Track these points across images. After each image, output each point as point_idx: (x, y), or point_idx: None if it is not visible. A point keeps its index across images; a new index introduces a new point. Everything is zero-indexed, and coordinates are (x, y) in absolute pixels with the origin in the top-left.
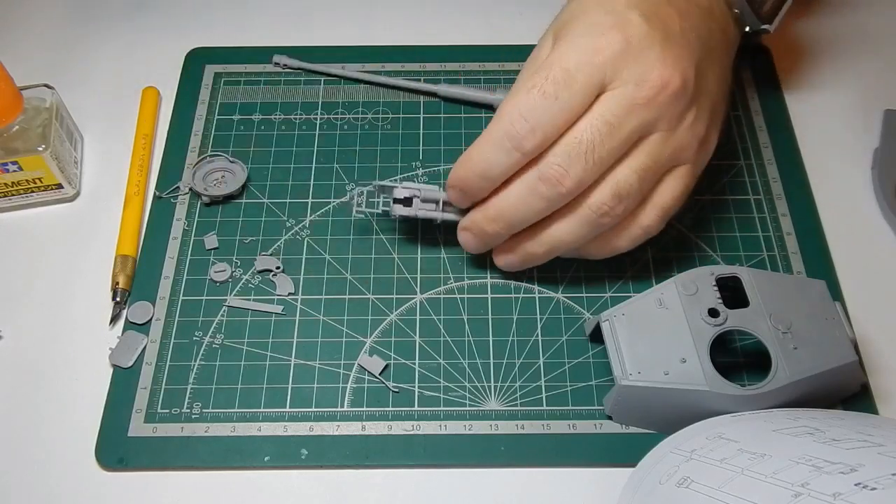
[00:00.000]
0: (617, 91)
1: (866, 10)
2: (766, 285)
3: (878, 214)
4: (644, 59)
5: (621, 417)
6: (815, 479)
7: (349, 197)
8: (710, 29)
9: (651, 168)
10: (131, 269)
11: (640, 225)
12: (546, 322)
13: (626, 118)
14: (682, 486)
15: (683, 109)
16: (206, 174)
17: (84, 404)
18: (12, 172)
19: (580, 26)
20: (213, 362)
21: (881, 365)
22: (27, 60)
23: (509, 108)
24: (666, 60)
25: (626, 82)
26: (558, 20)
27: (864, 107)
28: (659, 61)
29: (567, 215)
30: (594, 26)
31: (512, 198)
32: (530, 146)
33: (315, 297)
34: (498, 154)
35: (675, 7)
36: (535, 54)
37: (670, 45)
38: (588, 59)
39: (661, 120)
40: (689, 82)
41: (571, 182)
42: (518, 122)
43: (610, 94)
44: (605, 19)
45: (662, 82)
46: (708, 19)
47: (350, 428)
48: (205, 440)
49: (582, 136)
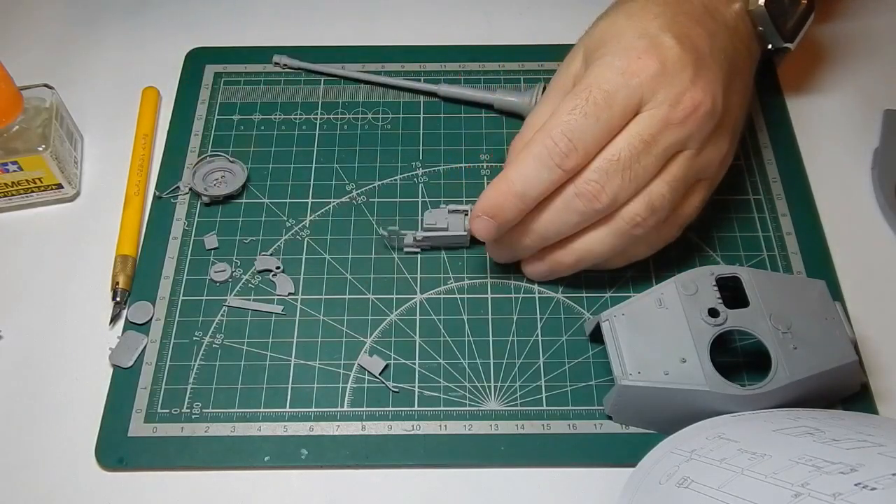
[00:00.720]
0: (652, 111)
1: (866, 10)
2: (766, 285)
3: (878, 214)
4: (678, 81)
5: (621, 417)
6: (815, 479)
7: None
8: (735, 48)
9: (681, 183)
10: (131, 269)
11: (662, 236)
12: (546, 322)
13: (660, 137)
14: (682, 486)
15: (712, 129)
16: (206, 174)
17: (84, 404)
18: (12, 172)
19: (615, 49)
20: (213, 362)
21: (881, 365)
22: (27, 60)
23: (551, 127)
24: (698, 83)
25: (660, 103)
26: (590, 39)
27: (864, 107)
28: (692, 84)
29: (600, 227)
30: (629, 50)
31: (547, 213)
32: (572, 164)
33: (315, 297)
34: (540, 172)
35: (704, 28)
36: (565, 70)
37: (702, 68)
38: (625, 81)
39: (691, 139)
40: (718, 104)
41: (607, 198)
42: (561, 140)
43: (646, 114)
44: (639, 43)
45: (694, 104)
46: (734, 38)
47: (350, 428)
48: (205, 440)
49: (620, 153)
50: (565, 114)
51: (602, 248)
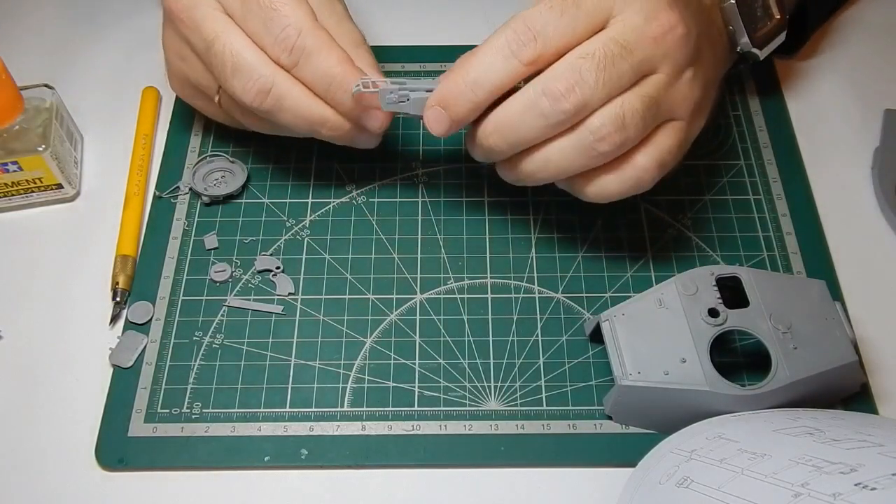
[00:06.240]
0: (627, 20)
1: (867, 9)
2: (766, 285)
3: (878, 214)
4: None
5: (621, 417)
6: (815, 479)
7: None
8: (708, 25)
9: (654, 103)
10: (131, 269)
11: (636, 166)
12: (546, 322)
13: (636, 46)
14: (682, 486)
15: (685, 62)
16: (206, 174)
17: (84, 404)
18: (12, 172)
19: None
20: (213, 362)
21: (881, 365)
22: (27, 60)
23: (513, 19)
24: (674, 7)
25: (635, 13)
26: None
27: (864, 107)
28: (668, 6)
29: (564, 136)
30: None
31: (510, 114)
32: (530, 54)
33: (315, 297)
34: (495, 59)
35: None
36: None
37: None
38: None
39: (665, 61)
40: (692, 36)
41: (576, 98)
42: (521, 28)
43: (620, 21)
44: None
45: (670, 24)
46: (707, 20)
47: (350, 428)
48: (205, 440)
49: (595, 51)
50: (530, 8)
51: (562, 161)
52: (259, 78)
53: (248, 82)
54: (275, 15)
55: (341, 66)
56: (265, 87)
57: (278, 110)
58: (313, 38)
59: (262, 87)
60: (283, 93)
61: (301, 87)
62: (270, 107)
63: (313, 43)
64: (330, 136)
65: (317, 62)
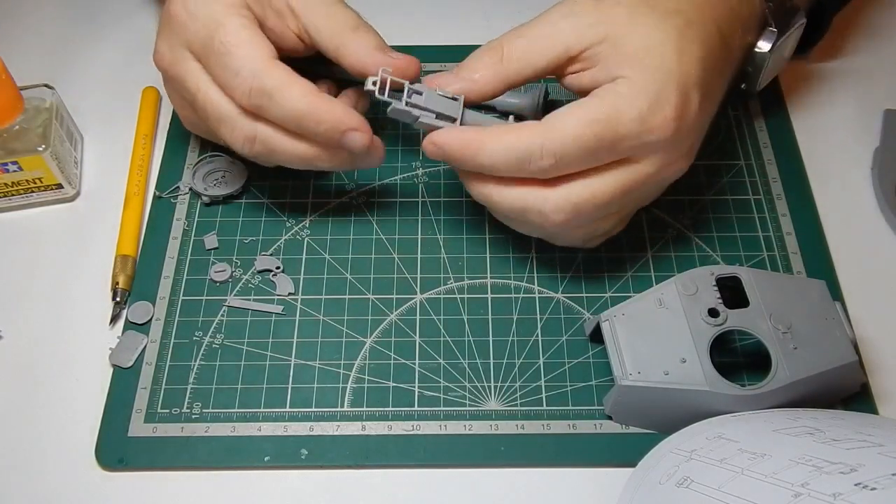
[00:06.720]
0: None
1: (867, 9)
2: (766, 285)
3: (878, 214)
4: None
5: (621, 417)
6: (815, 480)
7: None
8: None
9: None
10: (131, 269)
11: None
12: (546, 322)
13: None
14: (682, 486)
15: None
16: (206, 174)
17: (84, 404)
18: (12, 172)
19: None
20: (213, 362)
21: (881, 365)
22: (27, 60)
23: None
24: (690, 154)
25: (651, 165)
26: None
27: (864, 107)
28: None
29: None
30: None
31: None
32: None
33: (315, 297)
34: (510, 165)
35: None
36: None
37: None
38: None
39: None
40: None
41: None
42: (548, 158)
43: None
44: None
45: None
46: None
47: (350, 428)
48: (205, 440)
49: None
50: (569, 134)
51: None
52: (242, 127)
53: (234, 132)
54: (229, 59)
55: (305, 100)
56: (250, 135)
57: (270, 153)
58: (269, 77)
59: (248, 136)
60: (266, 138)
61: (282, 129)
62: (260, 152)
63: (271, 83)
64: (332, 168)
65: (280, 101)
